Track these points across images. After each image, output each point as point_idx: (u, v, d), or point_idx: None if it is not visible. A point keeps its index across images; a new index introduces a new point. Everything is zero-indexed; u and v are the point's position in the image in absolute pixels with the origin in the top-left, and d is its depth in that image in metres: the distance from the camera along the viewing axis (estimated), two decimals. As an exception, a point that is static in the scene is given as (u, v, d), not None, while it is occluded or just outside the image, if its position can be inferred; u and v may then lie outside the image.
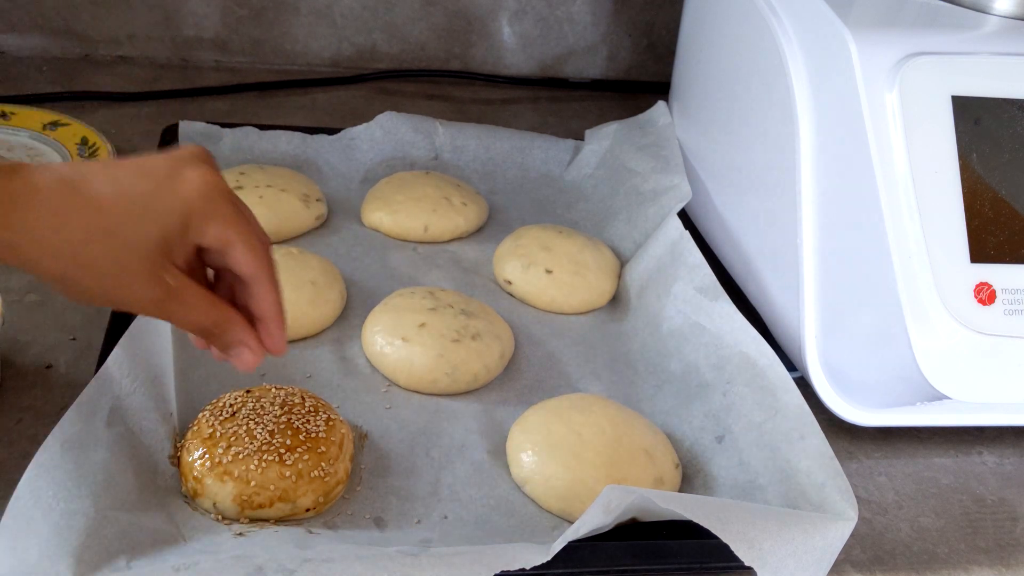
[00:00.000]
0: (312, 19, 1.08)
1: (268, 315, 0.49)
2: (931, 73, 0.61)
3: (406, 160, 0.90)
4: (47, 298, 0.68)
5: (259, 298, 0.48)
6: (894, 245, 0.59)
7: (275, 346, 0.50)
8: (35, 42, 1.03)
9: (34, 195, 0.41)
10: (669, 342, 0.70)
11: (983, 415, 0.66)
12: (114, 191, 0.43)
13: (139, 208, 0.43)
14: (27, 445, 0.55)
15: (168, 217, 0.43)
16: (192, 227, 0.44)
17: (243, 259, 0.46)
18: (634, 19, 1.14)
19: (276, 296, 0.49)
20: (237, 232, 0.46)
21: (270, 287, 0.48)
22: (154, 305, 0.45)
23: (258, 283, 0.48)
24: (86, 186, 0.42)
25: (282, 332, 0.50)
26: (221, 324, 0.47)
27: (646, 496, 0.49)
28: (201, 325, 0.47)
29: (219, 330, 0.48)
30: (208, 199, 0.45)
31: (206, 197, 0.45)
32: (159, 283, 0.44)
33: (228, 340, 0.48)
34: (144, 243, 0.43)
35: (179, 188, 0.44)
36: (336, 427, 0.57)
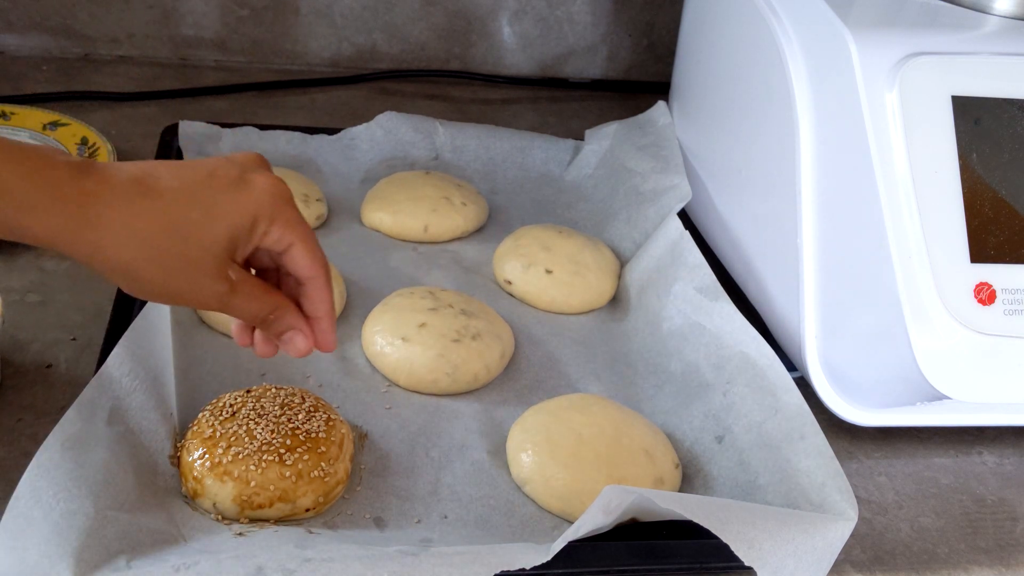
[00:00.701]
0: (312, 19, 1.08)
1: (322, 314, 0.51)
2: (931, 73, 0.61)
3: (406, 160, 0.90)
4: (47, 298, 0.68)
5: (314, 298, 0.51)
6: (894, 245, 0.59)
7: (327, 343, 0.52)
8: (35, 42, 1.03)
9: (108, 191, 0.43)
10: (669, 342, 0.70)
11: (983, 415, 0.66)
12: (186, 192, 0.45)
13: (210, 210, 0.45)
14: (27, 444, 0.55)
15: (237, 218, 0.46)
16: (258, 228, 0.47)
17: (304, 260, 0.49)
18: (634, 19, 1.15)
19: (330, 296, 0.51)
20: (299, 235, 0.48)
21: (326, 288, 0.51)
22: (217, 299, 0.47)
23: (315, 284, 0.50)
24: (158, 185, 0.44)
25: (333, 330, 0.52)
26: (277, 311, 0.50)
27: (646, 496, 0.49)
28: (259, 314, 0.49)
29: (275, 316, 0.50)
30: (273, 203, 0.47)
31: (272, 201, 0.47)
32: (224, 279, 0.46)
33: (282, 326, 0.50)
34: (214, 242, 0.45)
35: (247, 192, 0.46)
36: (336, 427, 0.57)
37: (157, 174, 0.45)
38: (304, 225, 0.49)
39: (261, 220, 0.47)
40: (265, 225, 0.47)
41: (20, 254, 0.72)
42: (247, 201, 0.46)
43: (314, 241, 0.50)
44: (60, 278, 0.70)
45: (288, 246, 0.48)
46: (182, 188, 0.45)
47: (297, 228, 0.48)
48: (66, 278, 0.70)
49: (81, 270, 0.71)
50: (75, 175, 0.42)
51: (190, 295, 0.47)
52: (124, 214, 0.43)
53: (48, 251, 0.73)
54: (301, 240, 0.49)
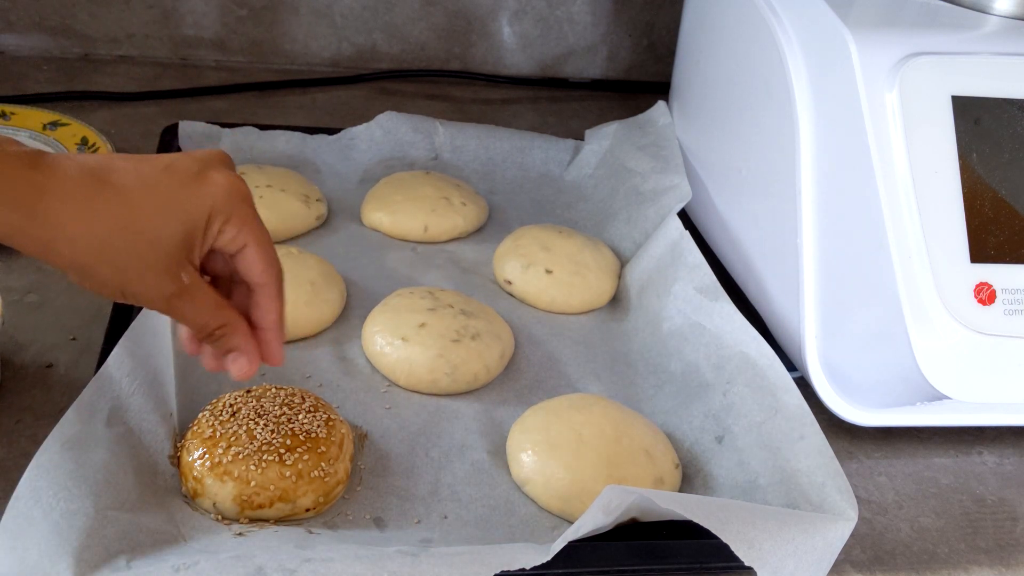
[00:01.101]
0: (312, 19, 1.08)
1: (270, 326, 0.49)
2: (931, 73, 0.61)
3: (406, 160, 0.90)
4: (47, 298, 0.68)
5: (263, 307, 0.49)
6: (894, 245, 0.59)
7: (272, 357, 0.50)
8: (35, 42, 1.03)
9: (60, 186, 0.41)
10: (669, 342, 0.70)
11: (983, 415, 0.66)
12: (141, 186, 0.43)
13: (165, 205, 0.44)
14: (27, 445, 0.55)
15: (193, 216, 0.44)
16: (213, 226, 0.45)
17: (256, 264, 0.47)
18: (634, 19, 1.15)
19: (280, 307, 0.49)
20: (254, 236, 0.47)
21: (276, 297, 0.49)
22: (165, 301, 0.45)
23: (265, 291, 0.48)
24: (113, 179, 0.43)
25: (280, 344, 0.50)
26: (225, 327, 0.48)
27: (646, 496, 0.49)
28: (206, 326, 0.48)
29: (222, 332, 0.48)
30: (229, 200, 0.45)
31: (229, 199, 0.45)
32: (175, 280, 0.44)
33: (229, 345, 0.49)
34: (168, 240, 0.44)
35: (204, 188, 0.45)
36: (336, 427, 0.57)
37: (112, 167, 0.43)
38: (260, 228, 0.47)
39: (216, 217, 0.45)
40: (220, 222, 0.45)
41: (19, 254, 0.72)
42: (203, 197, 0.44)
43: (269, 245, 0.48)
44: (59, 278, 0.70)
45: (242, 247, 0.46)
46: (137, 184, 0.43)
47: (252, 229, 0.46)
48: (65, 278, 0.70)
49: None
50: (25, 168, 0.40)
51: (138, 292, 0.45)
52: (77, 211, 0.41)
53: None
54: (255, 242, 0.47)
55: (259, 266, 0.47)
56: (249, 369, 0.49)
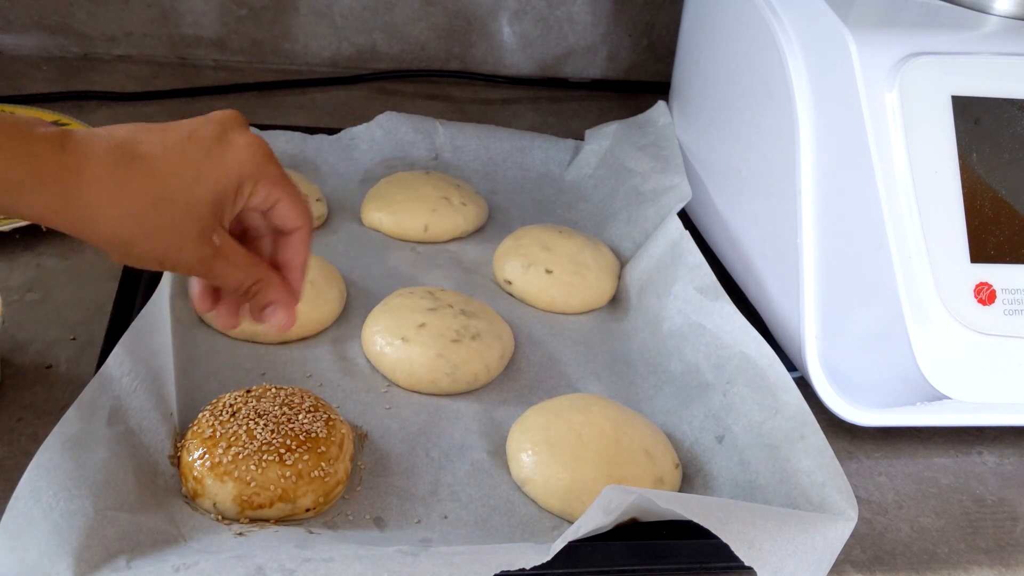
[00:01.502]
0: (312, 19, 1.08)
1: (299, 264, 0.52)
2: (931, 73, 0.61)
3: (406, 160, 0.90)
4: (47, 297, 0.68)
5: (296, 249, 0.51)
6: (894, 245, 0.59)
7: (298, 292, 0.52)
8: (34, 41, 1.03)
9: (91, 167, 0.42)
10: (669, 342, 0.70)
11: (983, 415, 0.66)
12: (168, 157, 0.45)
13: (194, 174, 0.45)
14: (27, 444, 0.55)
15: (221, 181, 0.46)
16: (244, 190, 0.47)
17: (291, 213, 0.50)
18: (634, 19, 1.15)
19: (308, 249, 0.52)
20: (285, 190, 0.49)
21: (307, 239, 0.51)
22: (202, 264, 0.47)
23: (300, 235, 0.51)
24: (140, 151, 0.44)
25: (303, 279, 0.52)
26: (261, 282, 0.50)
27: (646, 496, 0.49)
28: (242, 283, 0.49)
29: (258, 288, 0.50)
30: (256, 162, 0.47)
31: (255, 160, 0.47)
32: (209, 243, 0.46)
33: (266, 299, 0.51)
34: (199, 207, 0.45)
35: (230, 153, 0.46)
36: (336, 427, 0.57)
37: (138, 139, 0.44)
38: (288, 180, 0.49)
39: (247, 181, 0.47)
40: (251, 186, 0.47)
41: (19, 253, 0.72)
42: (231, 162, 0.46)
43: (299, 196, 0.50)
44: (59, 276, 0.70)
45: (276, 202, 0.49)
46: (164, 154, 0.44)
47: (282, 184, 0.48)
48: (65, 276, 0.70)
49: (81, 268, 0.71)
50: (55, 150, 0.41)
51: (176, 260, 0.46)
52: (109, 190, 0.42)
53: (47, 249, 0.73)
54: (287, 196, 0.49)
55: (294, 212, 0.50)
56: (288, 320, 0.51)
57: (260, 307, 0.51)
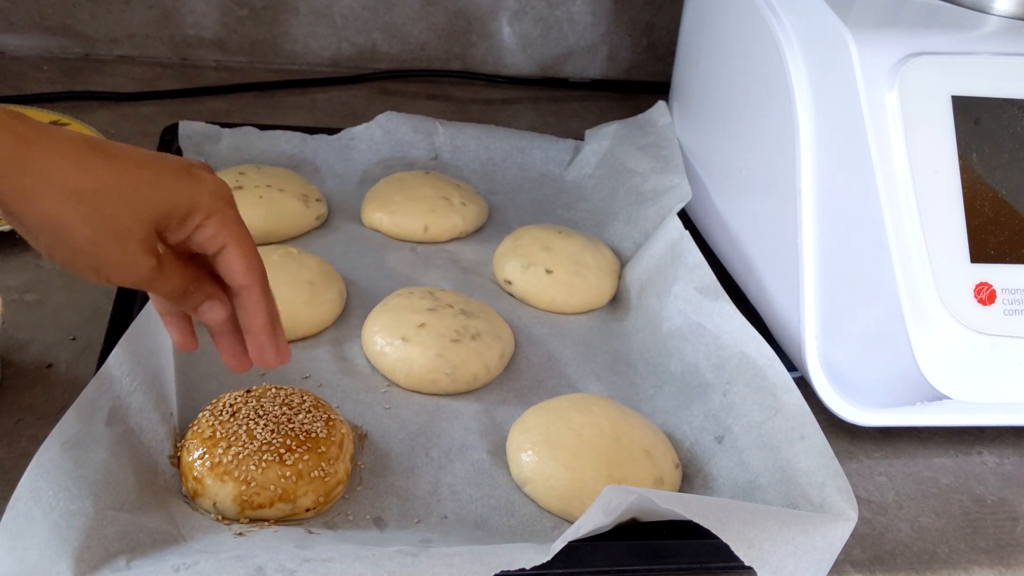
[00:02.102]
0: (312, 19, 1.08)
1: (259, 328, 0.49)
2: (931, 73, 0.61)
3: (405, 160, 0.90)
4: (47, 297, 0.68)
5: (249, 310, 0.48)
6: (894, 245, 0.59)
7: (267, 359, 0.50)
8: (35, 42, 1.03)
9: (51, 142, 0.41)
10: (669, 342, 0.70)
11: (983, 415, 0.66)
12: (133, 159, 0.44)
13: (153, 180, 0.44)
14: (27, 444, 0.55)
15: (177, 198, 0.44)
16: (193, 217, 0.45)
17: (237, 265, 0.47)
18: (634, 19, 1.15)
19: (267, 308, 0.49)
20: (235, 236, 0.46)
21: (261, 299, 0.48)
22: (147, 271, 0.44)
23: (250, 293, 0.48)
24: (105, 147, 0.43)
25: (271, 344, 0.50)
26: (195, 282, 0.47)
27: (646, 496, 0.49)
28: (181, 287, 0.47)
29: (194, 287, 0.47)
30: (214, 199, 0.46)
31: (213, 197, 0.46)
32: (154, 253, 0.44)
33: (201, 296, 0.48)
34: (149, 212, 0.43)
35: (192, 181, 0.45)
36: (336, 427, 0.57)
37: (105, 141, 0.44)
38: (242, 229, 0.47)
39: (199, 210, 0.45)
40: (201, 217, 0.45)
41: (18, 253, 0.72)
42: (190, 187, 0.45)
43: (251, 248, 0.47)
44: (59, 276, 0.70)
45: (222, 247, 0.46)
46: (130, 155, 0.44)
47: (233, 230, 0.46)
48: (65, 276, 0.70)
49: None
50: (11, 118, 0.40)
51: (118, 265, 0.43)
52: (66, 164, 0.41)
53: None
54: (236, 243, 0.46)
55: (241, 267, 0.47)
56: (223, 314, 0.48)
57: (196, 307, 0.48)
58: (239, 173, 0.80)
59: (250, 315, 0.48)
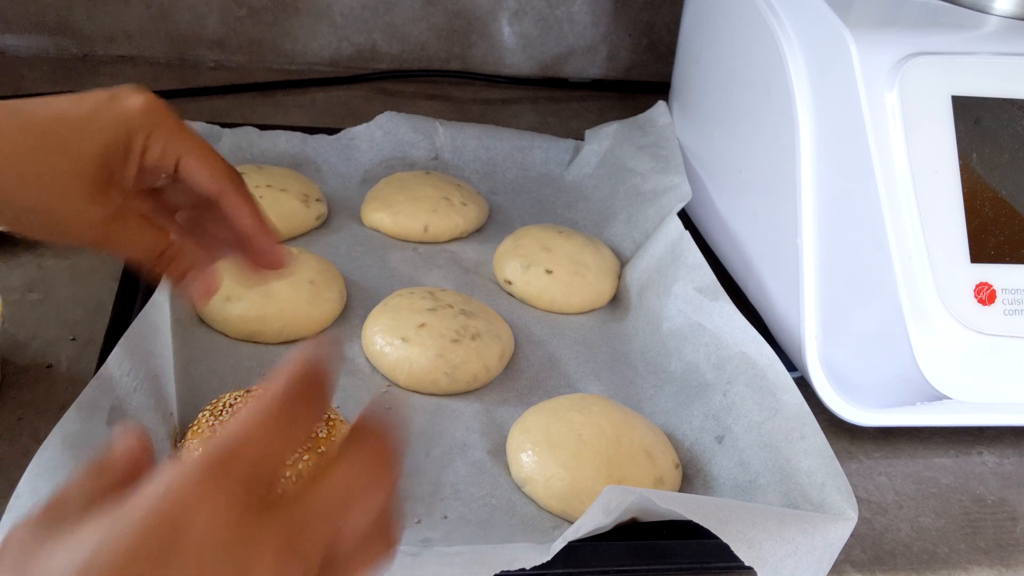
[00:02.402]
0: (312, 19, 1.08)
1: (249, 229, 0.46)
2: (931, 73, 0.61)
3: (406, 160, 0.90)
4: (47, 296, 0.68)
5: (232, 212, 0.45)
6: (894, 245, 0.59)
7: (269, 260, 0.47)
8: (33, 41, 1.03)
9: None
10: (669, 342, 0.70)
11: (983, 415, 0.66)
12: (49, 111, 0.42)
13: (76, 124, 0.42)
14: (28, 443, 0.55)
15: (109, 132, 0.42)
16: (135, 143, 0.43)
17: (200, 172, 0.44)
18: (634, 19, 1.15)
19: (250, 206, 0.46)
20: (185, 144, 0.44)
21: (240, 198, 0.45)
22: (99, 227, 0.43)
23: (225, 197, 0.45)
24: (23, 107, 0.42)
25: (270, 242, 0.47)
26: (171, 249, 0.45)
27: (646, 496, 0.49)
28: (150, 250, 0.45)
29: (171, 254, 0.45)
30: (149, 114, 0.43)
31: (147, 112, 0.43)
32: (102, 203, 0.42)
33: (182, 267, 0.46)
34: (86, 158, 0.42)
35: (119, 106, 0.43)
36: (336, 427, 0.57)
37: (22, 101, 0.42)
38: (192, 135, 0.44)
39: (137, 133, 0.42)
40: (142, 138, 0.43)
41: (20, 253, 0.72)
42: (118, 114, 0.42)
43: (208, 150, 0.44)
44: (59, 275, 0.70)
45: (176, 159, 0.43)
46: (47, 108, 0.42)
47: (183, 138, 0.43)
48: (66, 275, 0.70)
49: (81, 267, 0.71)
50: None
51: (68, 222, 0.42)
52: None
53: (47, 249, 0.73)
54: (190, 150, 0.43)
55: (205, 173, 0.44)
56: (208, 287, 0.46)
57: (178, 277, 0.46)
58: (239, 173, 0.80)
59: (236, 217, 0.45)
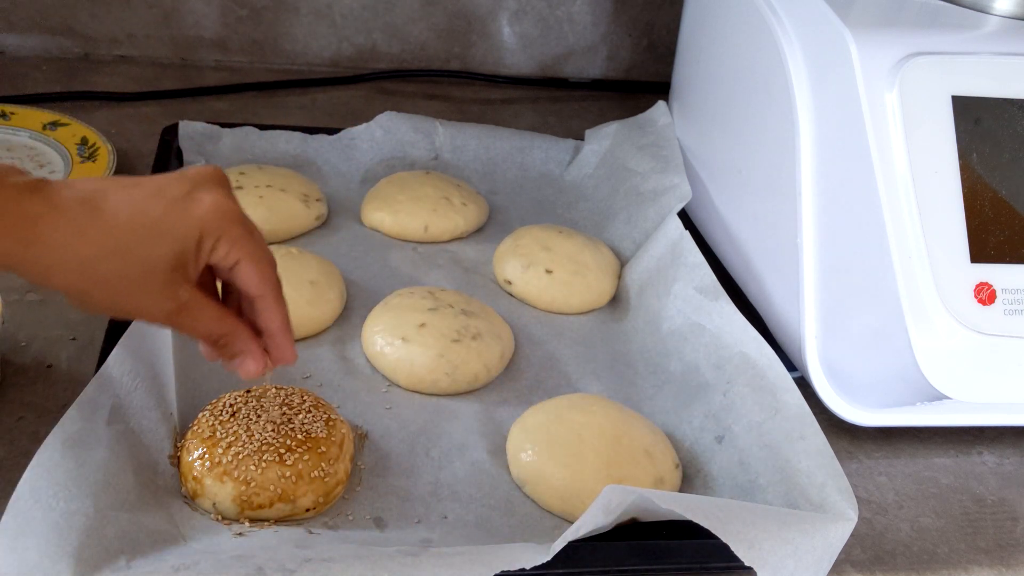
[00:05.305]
0: (312, 19, 1.08)
1: (274, 330, 0.52)
2: (931, 73, 0.61)
3: (406, 160, 0.90)
4: (47, 297, 0.68)
5: (265, 315, 0.51)
6: (894, 245, 0.59)
7: (283, 357, 0.53)
8: (35, 42, 1.03)
9: (54, 213, 0.43)
10: (669, 342, 0.70)
11: (983, 415, 0.66)
12: (130, 211, 0.45)
13: (153, 228, 0.45)
14: (28, 443, 0.55)
15: (182, 238, 0.46)
16: (204, 245, 0.47)
17: (250, 279, 0.49)
18: (634, 19, 1.15)
19: (281, 312, 0.52)
20: (245, 252, 0.48)
21: (276, 304, 0.51)
22: (166, 317, 0.48)
23: (264, 300, 0.51)
24: (104, 206, 0.45)
25: (289, 344, 0.53)
26: (228, 335, 0.50)
27: (646, 496, 0.49)
28: (210, 335, 0.50)
29: (225, 341, 0.51)
30: (219, 220, 0.47)
31: (218, 219, 0.47)
32: (171, 298, 0.47)
33: (233, 350, 0.51)
34: (157, 262, 0.46)
35: (192, 209, 0.46)
36: (336, 427, 0.57)
37: (106, 192, 0.45)
38: (252, 243, 0.49)
39: (207, 237, 0.47)
40: (211, 242, 0.47)
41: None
42: (191, 219, 0.46)
43: (263, 259, 0.50)
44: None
45: (235, 263, 0.48)
46: (128, 208, 0.45)
47: (244, 246, 0.48)
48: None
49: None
50: (23, 195, 0.42)
51: (140, 313, 0.48)
52: (69, 237, 0.43)
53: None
54: (248, 258, 0.49)
55: (254, 279, 0.49)
56: (255, 368, 0.52)
57: (230, 357, 0.52)
58: (240, 173, 0.80)
59: (266, 320, 0.52)
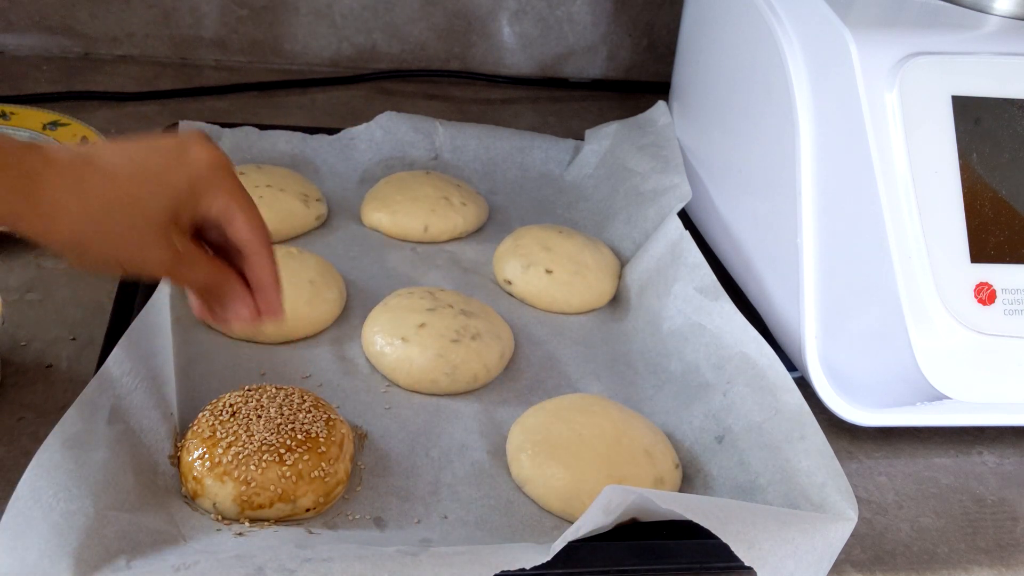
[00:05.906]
0: (312, 19, 1.08)
1: (264, 283, 0.53)
2: (931, 73, 0.61)
3: (405, 160, 0.90)
4: (47, 297, 0.68)
5: (256, 267, 0.52)
6: (894, 245, 0.59)
7: (272, 311, 0.54)
8: (35, 41, 1.03)
9: (53, 169, 0.44)
10: (669, 342, 0.70)
11: (983, 415, 0.66)
12: (129, 165, 0.47)
13: (153, 180, 0.47)
14: (28, 444, 0.55)
15: (179, 187, 0.48)
16: (199, 197, 0.48)
17: (243, 228, 0.51)
18: (634, 19, 1.15)
19: (271, 264, 0.53)
20: (239, 203, 0.50)
21: (267, 256, 0.52)
22: (164, 267, 0.49)
23: (256, 252, 0.52)
24: (102, 161, 0.46)
25: (278, 298, 0.53)
26: (222, 282, 0.51)
27: (646, 496, 0.49)
28: (204, 283, 0.51)
29: (219, 288, 0.52)
30: (214, 171, 0.49)
31: (212, 170, 0.49)
32: (169, 247, 0.48)
33: (227, 297, 0.52)
34: (158, 211, 0.47)
35: (188, 162, 0.48)
36: (336, 427, 0.57)
37: (100, 149, 0.47)
38: (245, 195, 0.51)
39: (201, 188, 0.48)
40: (205, 193, 0.49)
41: (19, 253, 0.72)
42: (188, 170, 0.48)
43: (254, 211, 0.51)
44: (59, 276, 0.70)
45: (229, 214, 0.50)
46: (124, 162, 0.47)
47: (237, 197, 0.50)
48: (65, 276, 0.70)
49: (81, 270, 0.71)
50: (22, 152, 0.43)
51: (138, 264, 0.48)
52: (69, 190, 0.44)
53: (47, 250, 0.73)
54: (240, 209, 0.50)
55: (246, 228, 0.51)
56: (247, 314, 0.53)
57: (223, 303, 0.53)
58: (239, 173, 0.80)
59: (258, 272, 0.52)
